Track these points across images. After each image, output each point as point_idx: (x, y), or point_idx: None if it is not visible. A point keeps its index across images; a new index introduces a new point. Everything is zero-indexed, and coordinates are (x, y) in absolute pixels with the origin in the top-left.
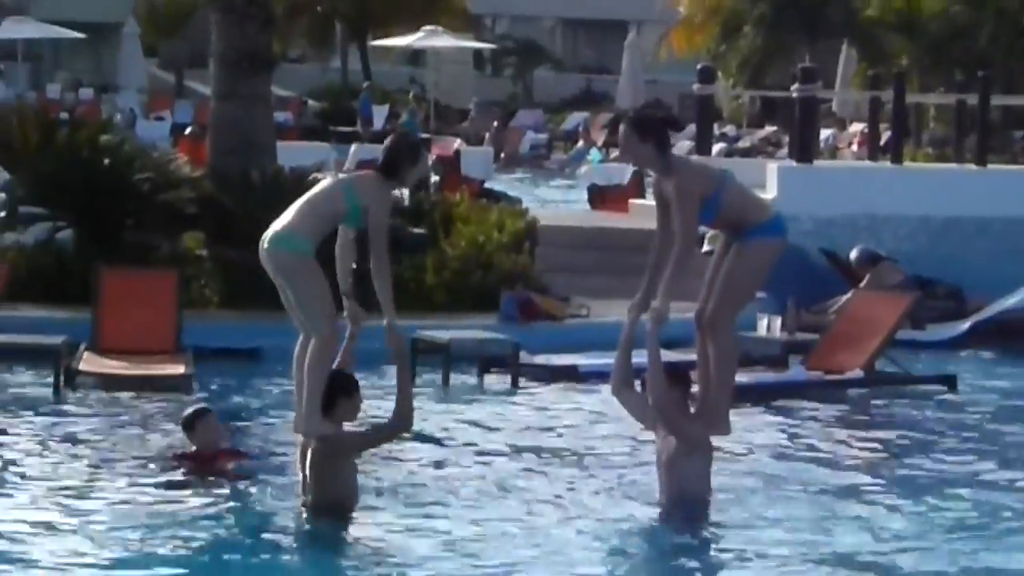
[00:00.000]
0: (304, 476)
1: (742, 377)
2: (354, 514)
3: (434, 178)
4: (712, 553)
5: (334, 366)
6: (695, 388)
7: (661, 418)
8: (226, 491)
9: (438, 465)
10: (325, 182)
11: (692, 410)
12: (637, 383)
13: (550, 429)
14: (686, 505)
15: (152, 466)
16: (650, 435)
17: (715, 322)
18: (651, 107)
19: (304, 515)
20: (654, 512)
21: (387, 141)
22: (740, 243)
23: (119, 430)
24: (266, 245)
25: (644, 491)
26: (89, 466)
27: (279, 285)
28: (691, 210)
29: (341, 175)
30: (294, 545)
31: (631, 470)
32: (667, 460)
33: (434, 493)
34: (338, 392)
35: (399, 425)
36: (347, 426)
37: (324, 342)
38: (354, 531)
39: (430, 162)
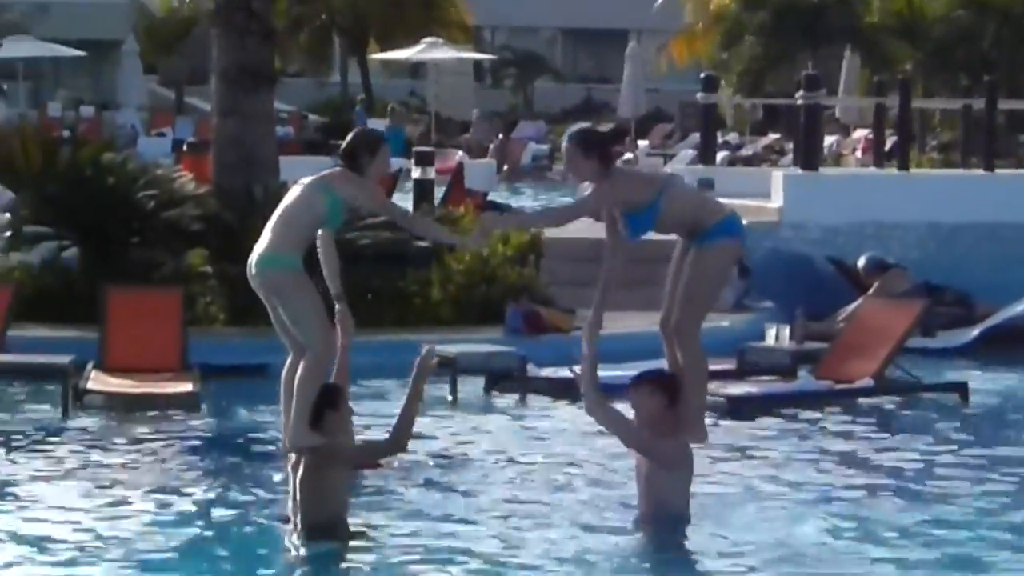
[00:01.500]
0: (294, 496)
1: (752, 387)
2: (349, 530)
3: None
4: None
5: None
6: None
7: (627, 440)
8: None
9: (448, 480)
10: (294, 192)
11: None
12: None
13: (558, 442)
14: (664, 520)
15: (158, 485)
16: None
17: (681, 330)
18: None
19: (295, 537)
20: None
21: (359, 139)
22: (697, 247)
23: (127, 449)
24: (253, 270)
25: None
26: (98, 486)
27: (270, 306)
28: (588, 205)
29: (304, 180)
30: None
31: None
32: (647, 473)
33: (447, 508)
34: (324, 404)
35: (393, 446)
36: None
37: (318, 356)
38: (351, 552)
39: (433, 174)
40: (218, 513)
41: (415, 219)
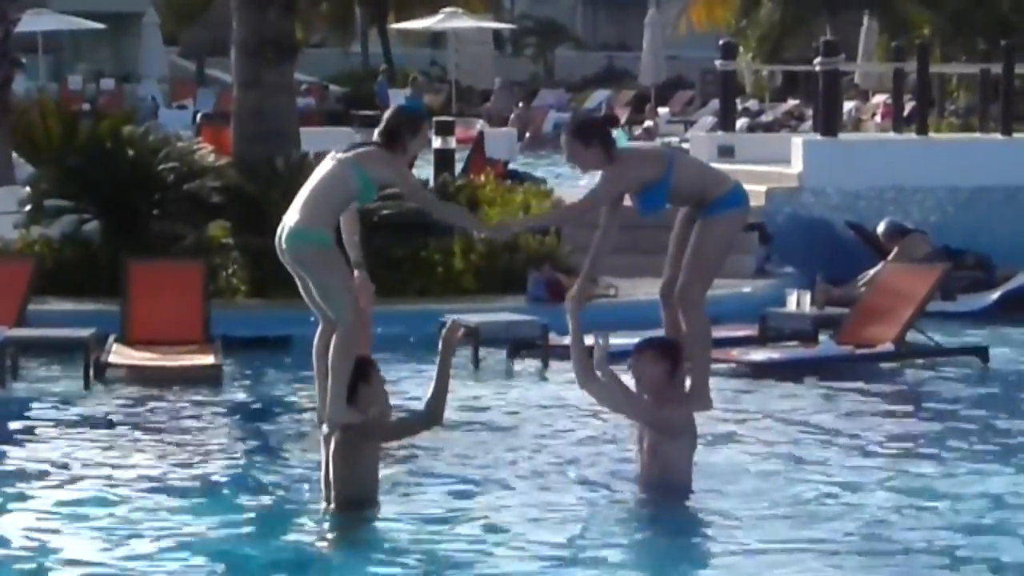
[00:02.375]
0: (326, 471)
1: (774, 353)
2: (379, 504)
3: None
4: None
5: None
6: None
7: (627, 410)
8: (264, 481)
9: (472, 449)
10: (326, 166)
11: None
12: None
13: (582, 410)
14: (668, 488)
15: (183, 458)
16: None
17: (686, 298)
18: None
19: (327, 511)
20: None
21: (387, 113)
22: (704, 217)
23: (150, 422)
24: (283, 244)
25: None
26: (121, 457)
27: (299, 279)
28: (606, 193)
29: (339, 155)
30: (322, 543)
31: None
32: (650, 442)
33: (471, 476)
34: (357, 378)
35: (428, 420)
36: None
37: (348, 331)
38: (382, 523)
39: (453, 144)
40: (243, 485)
41: (443, 205)
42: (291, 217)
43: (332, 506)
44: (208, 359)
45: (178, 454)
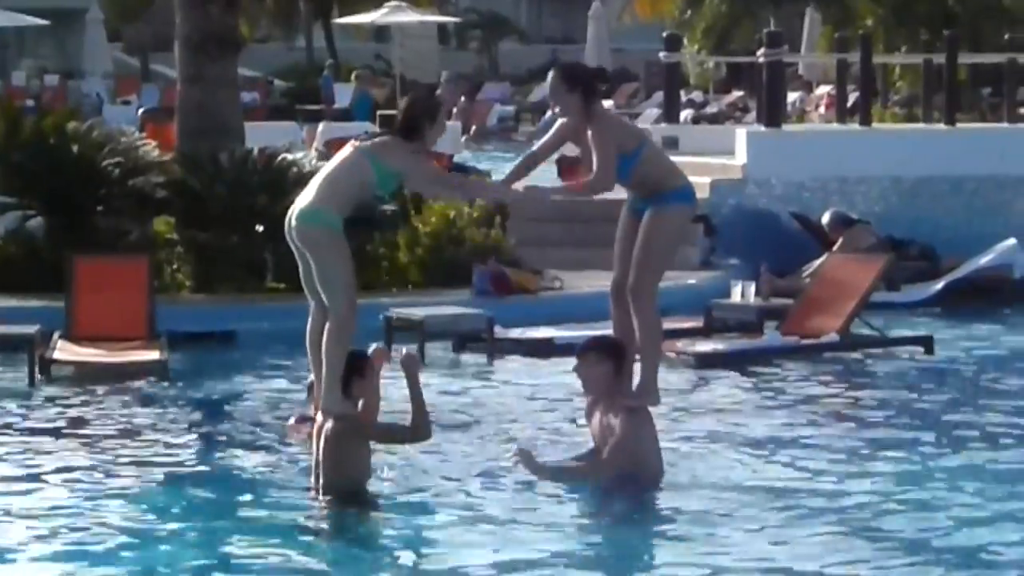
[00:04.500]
0: (316, 458)
1: (719, 344)
2: (369, 497)
3: None
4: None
5: None
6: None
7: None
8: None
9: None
10: (344, 154)
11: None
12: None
13: (527, 403)
14: (646, 479)
15: (133, 454)
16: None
17: (637, 293)
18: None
19: (316, 497)
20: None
21: (403, 102)
22: (656, 208)
23: (95, 419)
24: (294, 222)
25: None
26: (69, 455)
27: (302, 262)
28: (611, 154)
29: (358, 144)
30: (310, 530)
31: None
32: (614, 447)
33: (418, 473)
34: (352, 372)
35: (414, 434)
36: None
37: (342, 319)
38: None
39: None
40: (201, 479)
41: (467, 186)
42: (304, 198)
43: (320, 495)
44: (153, 355)
45: (127, 450)
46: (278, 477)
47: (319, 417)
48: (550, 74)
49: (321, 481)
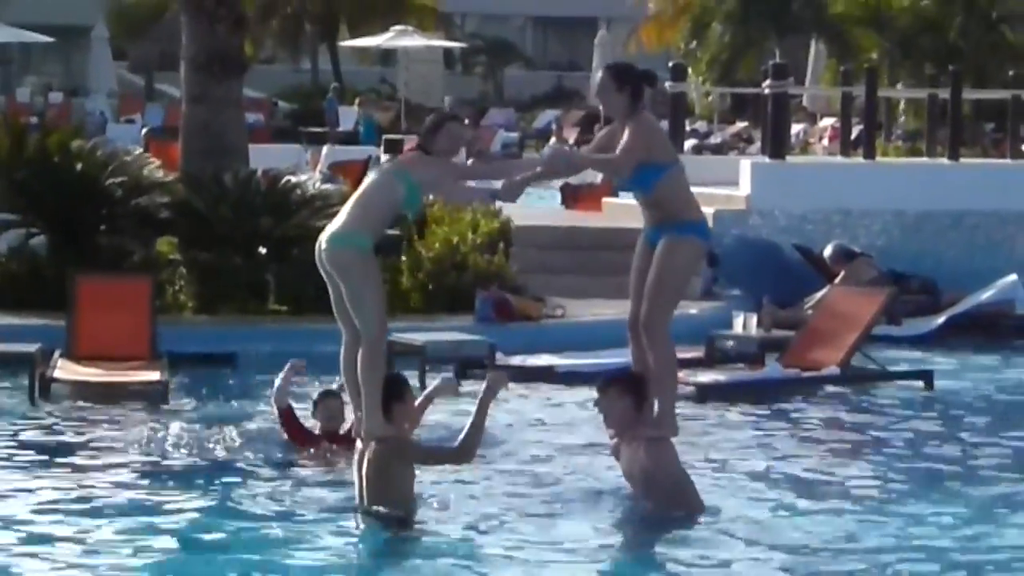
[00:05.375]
0: (360, 481)
1: (720, 375)
2: (414, 519)
3: None
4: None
5: None
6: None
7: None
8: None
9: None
10: (372, 175)
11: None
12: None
13: (530, 430)
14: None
15: (133, 476)
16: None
17: (650, 325)
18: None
19: (360, 520)
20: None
21: (428, 119)
22: (669, 238)
23: (95, 438)
24: (324, 245)
25: (617, 489)
26: (68, 474)
27: (332, 286)
28: (639, 147)
29: (383, 164)
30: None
31: (606, 471)
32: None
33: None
34: (391, 397)
35: (459, 455)
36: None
37: (373, 343)
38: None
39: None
40: (194, 504)
41: (501, 164)
42: (335, 223)
43: (365, 517)
44: (154, 375)
45: (127, 470)
46: (287, 500)
47: (359, 443)
48: (600, 72)
49: (366, 503)
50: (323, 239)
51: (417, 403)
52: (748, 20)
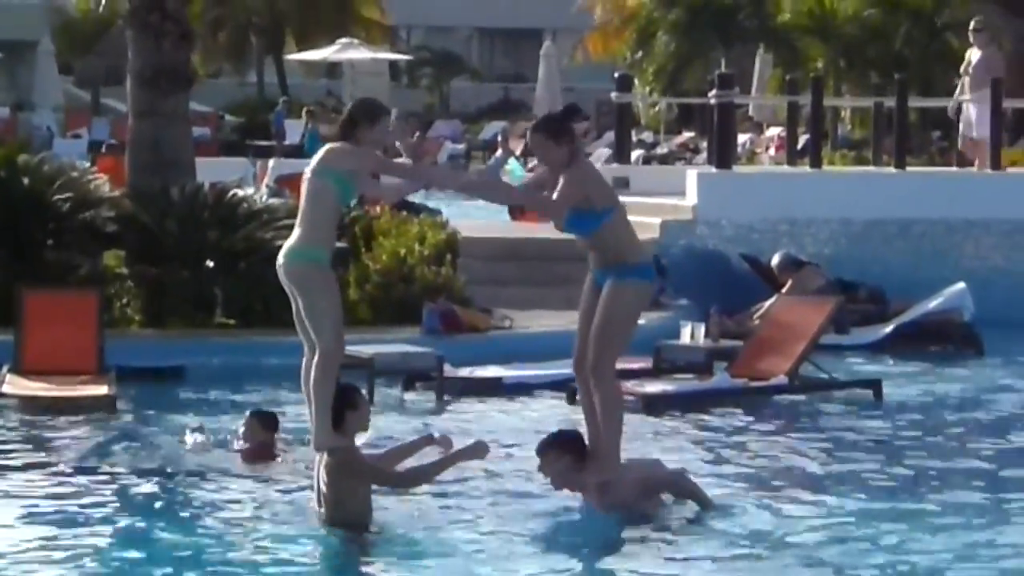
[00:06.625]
0: (318, 491)
1: (668, 385)
2: (369, 528)
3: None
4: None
5: None
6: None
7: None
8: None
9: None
10: (305, 184)
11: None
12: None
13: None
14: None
15: (79, 488)
16: None
17: (597, 370)
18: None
19: (321, 529)
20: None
21: (360, 106)
22: (615, 281)
23: (43, 452)
24: (281, 260)
25: (556, 503)
26: (16, 488)
27: (293, 300)
28: (575, 195)
29: (307, 169)
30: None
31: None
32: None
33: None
34: (344, 406)
35: (407, 483)
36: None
37: (328, 355)
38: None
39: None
40: (143, 517)
41: (424, 170)
42: (291, 239)
43: (325, 526)
44: (102, 389)
45: (75, 484)
46: (239, 512)
47: (313, 452)
48: (530, 133)
49: (324, 515)
50: (281, 255)
51: (444, 457)
52: (694, 30)
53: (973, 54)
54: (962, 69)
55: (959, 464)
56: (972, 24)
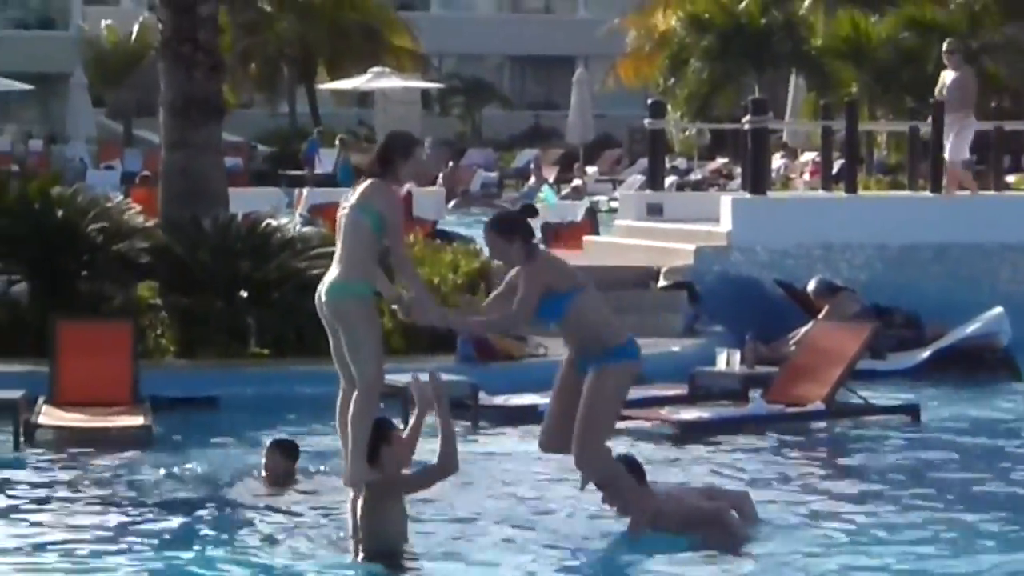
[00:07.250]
0: (355, 523)
1: (703, 412)
2: (403, 560)
3: None
4: None
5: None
6: None
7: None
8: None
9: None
10: (344, 219)
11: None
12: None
13: (513, 469)
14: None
15: (115, 519)
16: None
17: (583, 460)
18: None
19: (358, 562)
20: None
21: (391, 140)
22: (596, 370)
23: (79, 484)
24: (323, 297)
25: (594, 528)
26: (52, 521)
27: (332, 335)
28: (534, 294)
29: (344, 204)
30: None
31: (581, 511)
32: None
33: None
34: (379, 440)
35: (443, 471)
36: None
37: (370, 387)
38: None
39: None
40: (180, 546)
41: (419, 291)
42: (331, 272)
43: (360, 559)
44: (137, 420)
45: (111, 516)
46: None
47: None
48: (484, 233)
49: (361, 547)
50: (322, 291)
51: (406, 435)
52: (726, 55)
53: (947, 76)
54: (936, 91)
55: (999, 489)
56: (944, 46)
